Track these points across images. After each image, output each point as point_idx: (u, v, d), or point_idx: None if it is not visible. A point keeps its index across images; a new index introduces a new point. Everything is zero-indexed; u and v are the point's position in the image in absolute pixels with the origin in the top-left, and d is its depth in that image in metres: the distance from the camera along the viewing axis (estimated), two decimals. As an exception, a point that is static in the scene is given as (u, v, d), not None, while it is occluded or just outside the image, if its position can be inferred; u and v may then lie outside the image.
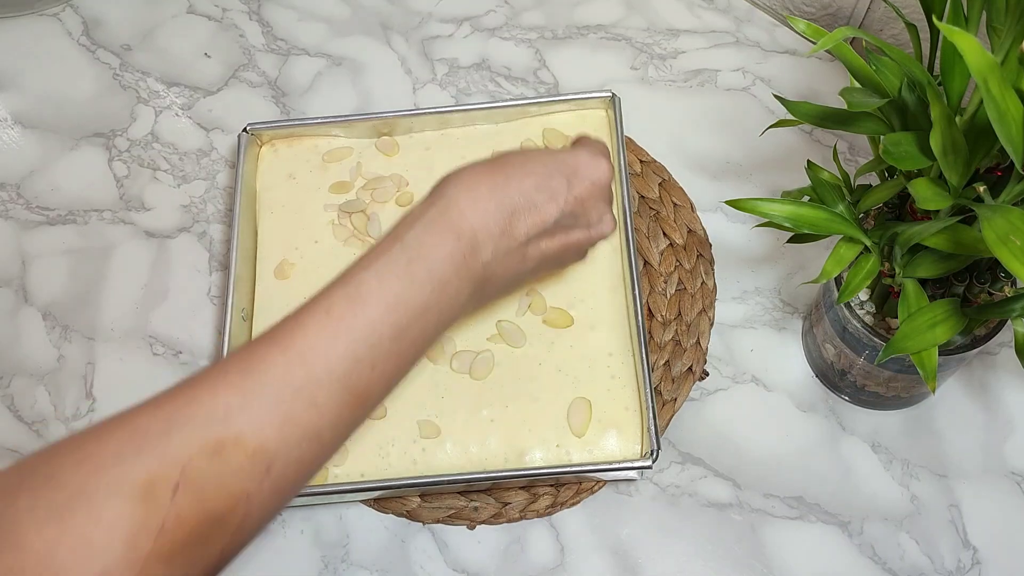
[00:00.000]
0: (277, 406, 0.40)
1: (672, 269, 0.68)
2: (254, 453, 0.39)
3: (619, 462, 0.58)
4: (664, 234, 0.69)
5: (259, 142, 0.71)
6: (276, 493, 0.40)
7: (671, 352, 0.65)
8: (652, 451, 0.58)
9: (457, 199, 0.47)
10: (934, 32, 0.48)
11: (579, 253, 0.55)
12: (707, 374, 0.65)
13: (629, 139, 0.73)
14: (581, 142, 0.55)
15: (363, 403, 0.43)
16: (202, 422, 0.39)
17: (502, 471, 0.59)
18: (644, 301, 0.66)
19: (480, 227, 0.47)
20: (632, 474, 0.60)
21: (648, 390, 0.59)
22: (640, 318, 0.61)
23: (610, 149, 0.68)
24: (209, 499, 0.38)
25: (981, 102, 0.39)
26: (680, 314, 0.66)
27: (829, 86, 0.75)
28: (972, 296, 0.51)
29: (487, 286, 0.49)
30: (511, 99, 0.74)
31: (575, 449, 0.60)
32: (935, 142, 0.41)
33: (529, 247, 0.49)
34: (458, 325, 0.64)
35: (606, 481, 0.62)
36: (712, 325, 0.66)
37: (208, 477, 0.38)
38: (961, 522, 0.60)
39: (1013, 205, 0.43)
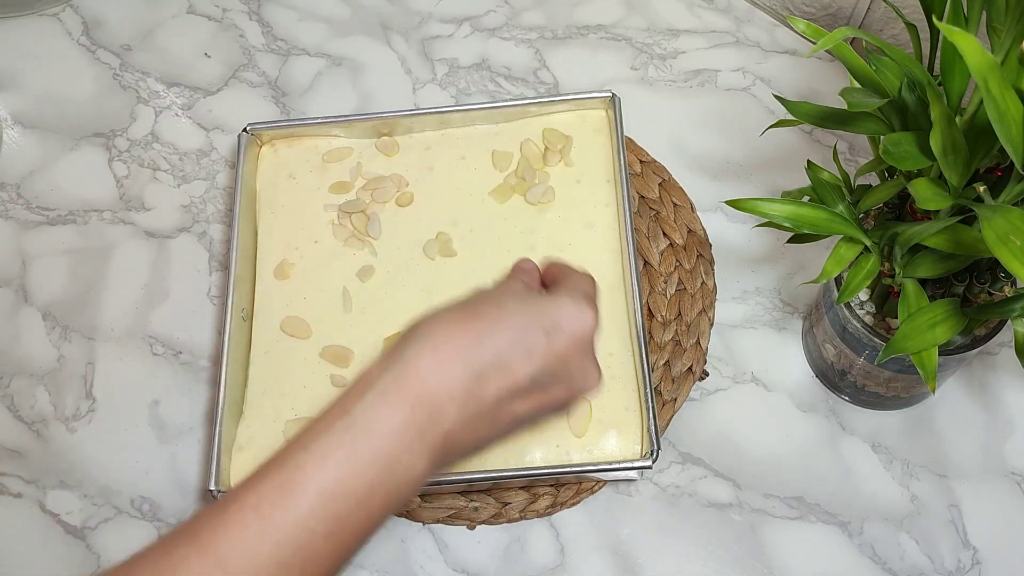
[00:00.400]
0: None
1: (672, 269, 0.68)
2: None
3: (619, 462, 0.58)
4: (664, 234, 0.69)
5: (259, 142, 0.71)
6: None
7: (671, 352, 0.65)
8: (652, 451, 0.58)
9: (417, 361, 0.43)
10: (934, 32, 0.48)
11: (559, 412, 0.49)
12: (707, 374, 0.65)
13: (629, 139, 0.73)
14: (564, 282, 0.50)
15: None
16: None
17: (502, 471, 0.59)
18: (644, 301, 0.66)
19: (442, 393, 0.42)
20: (632, 474, 0.60)
21: (648, 390, 0.59)
22: (640, 318, 0.61)
23: (611, 149, 0.69)
24: None
25: (981, 102, 0.39)
26: (680, 314, 0.66)
27: (829, 86, 0.75)
28: (972, 296, 0.51)
29: (449, 455, 0.44)
30: (511, 99, 0.74)
31: (575, 449, 0.60)
32: (935, 142, 0.41)
33: (500, 409, 0.44)
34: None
35: (606, 481, 0.62)
36: (712, 325, 0.66)
37: None
38: (961, 522, 0.60)
39: (1013, 205, 0.43)
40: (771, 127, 0.55)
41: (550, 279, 0.53)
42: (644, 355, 0.60)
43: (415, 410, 0.42)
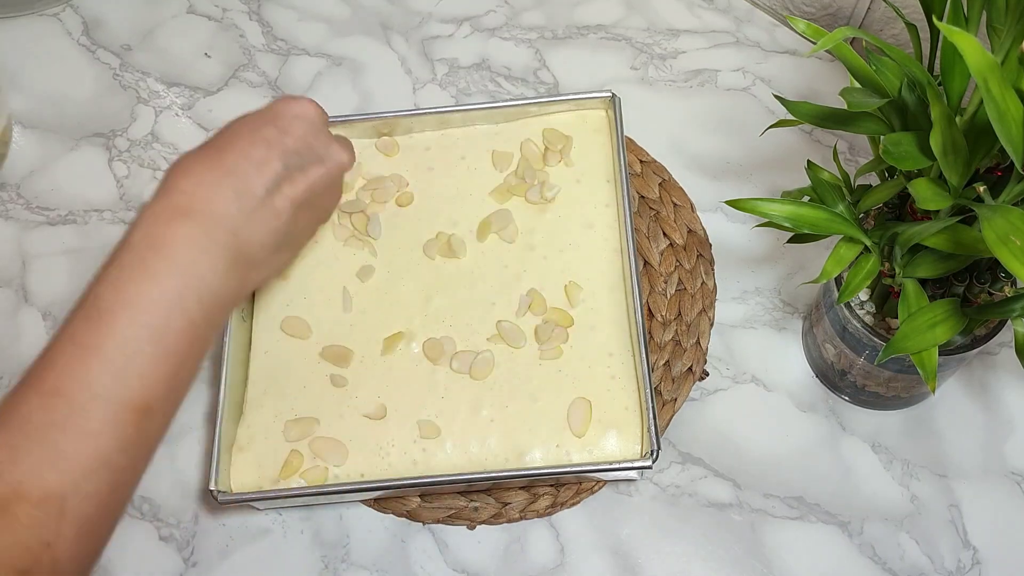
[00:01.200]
0: (47, 448, 0.39)
1: (672, 269, 0.68)
2: (40, 501, 0.38)
3: (619, 462, 0.58)
4: (664, 234, 0.69)
5: (259, 142, 0.71)
6: (82, 534, 0.39)
7: (671, 352, 0.65)
8: (652, 451, 0.58)
9: (177, 184, 0.47)
10: (934, 32, 0.48)
11: (332, 192, 0.55)
12: (707, 374, 0.65)
13: (629, 139, 0.73)
14: (279, 97, 0.56)
15: (148, 414, 0.42)
16: None
17: (502, 471, 0.59)
18: (644, 301, 0.66)
19: (211, 198, 0.46)
20: (632, 474, 0.60)
21: (648, 390, 0.59)
22: (640, 318, 0.61)
23: (611, 149, 0.69)
24: (6, 558, 0.37)
25: (981, 102, 0.39)
26: (680, 314, 0.66)
27: (829, 86, 0.75)
28: (972, 296, 0.51)
29: (247, 251, 0.48)
30: (511, 99, 0.74)
31: (575, 449, 0.60)
32: (935, 142, 0.41)
33: (275, 199, 0.49)
34: (450, 319, 0.64)
35: (606, 481, 0.62)
36: (712, 325, 0.66)
37: None
38: (961, 522, 0.60)
39: (1013, 205, 0.43)
40: (771, 127, 0.55)
41: None
42: (644, 355, 0.60)
43: (191, 218, 0.45)
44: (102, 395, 0.41)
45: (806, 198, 0.53)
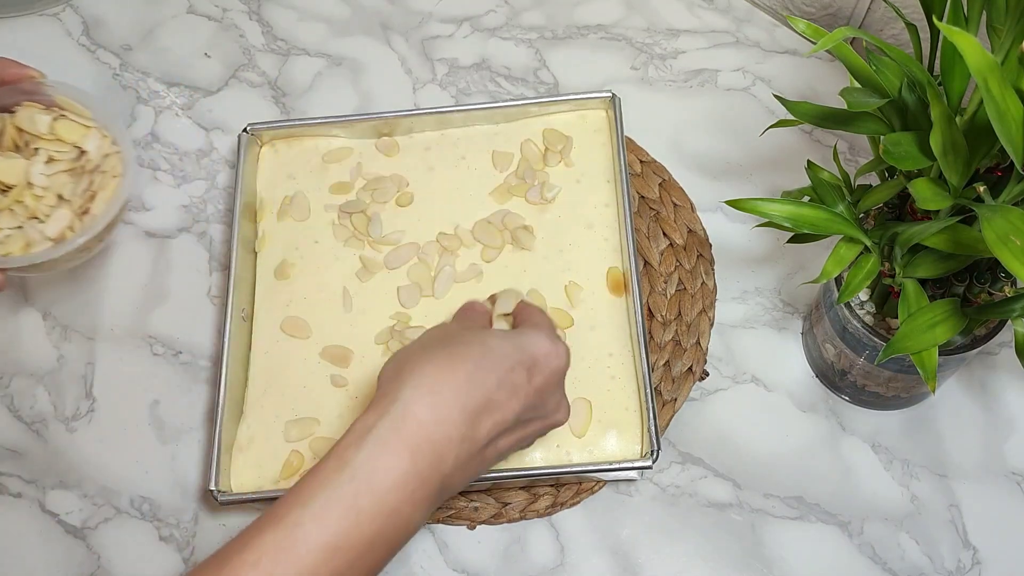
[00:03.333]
0: None
1: (672, 269, 0.68)
2: None
3: (619, 462, 0.58)
4: (664, 234, 0.69)
5: (259, 142, 0.71)
6: None
7: (671, 352, 0.65)
8: (652, 451, 0.58)
9: (414, 406, 0.43)
10: (934, 32, 0.48)
11: (532, 443, 0.51)
12: (707, 374, 0.65)
13: (629, 139, 0.73)
14: (530, 320, 0.52)
15: None
16: None
17: (502, 471, 0.59)
18: (644, 301, 0.66)
19: (441, 438, 0.43)
20: (632, 474, 0.60)
21: (648, 390, 0.59)
22: (640, 318, 0.61)
23: (611, 149, 0.69)
24: None
25: (981, 102, 0.39)
26: (680, 314, 0.66)
27: (829, 86, 0.75)
28: (972, 296, 0.51)
29: (444, 496, 0.45)
30: (511, 99, 0.74)
31: (575, 449, 0.60)
32: (935, 142, 0.41)
33: (488, 448, 0.46)
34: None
35: (606, 481, 0.62)
36: (712, 325, 0.66)
37: None
38: (961, 522, 0.60)
39: (1013, 205, 0.43)
40: (771, 127, 0.55)
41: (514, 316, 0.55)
42: (644, 355, 0.60)
43: (416, 458, 0.42)
44: None
45: (806, 198, 0.53)
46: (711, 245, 0.69)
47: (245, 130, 0.69)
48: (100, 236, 0.59)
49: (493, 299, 0.57)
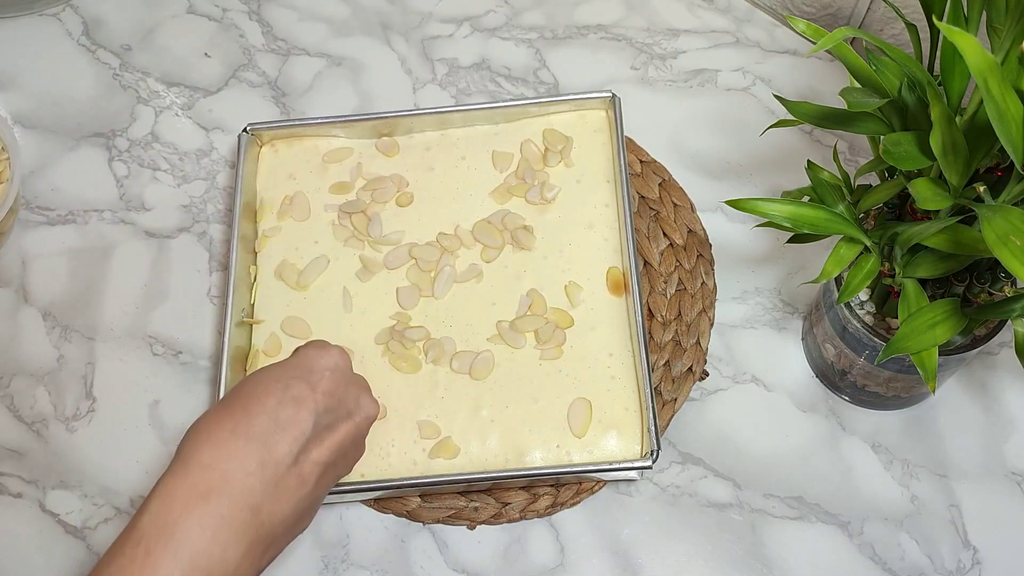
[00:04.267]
0: None
1: (672, 269, 0.68)
2: None
3: (619, 462, 0.58)
4: (664, 234, 0.69)
5: (259, 142, 0.71)
6: None
7: (671, 352, 0.65)
8: (652, 451, 0.58)
9: (197, 453, 0.43)
10: (934, 32, 0.48)
11: (357, 446, 0.51)
12: (707, 374, 0.65)
13: (629, 139, 0.73)
14: (306, 345, 0.53)
15: None
16: None
17: (502, 471, 0.59)
18: (644, 301, 0.66)
19: (232, 474, 0.42)
20: (632, 474, 0.60)
21: (648, 390, 0.59)
22: (640, 318, 0.61)
23: (611, 149, 0.69)
24: None
25: (981, 102, 0.39)
26: (680, 314, 0.66)
27: (829, 86, 0.75)
28: (972, 296, 0.51)
29: (269, 529, 0.43)
30: (511, 99, 0.74)
31: (575, 449, 0.60)
32: (935, 142, 0.41)
33: (301, 466, 0.45)
34: (450, 320, 0.64)
35: (606, 481, 0.62)
36: (712, 325, 0.66)
37: None
38: (961, 522, 0.60)
39: (1013, 205, 0.43)
40: (771, 127, 0.55)
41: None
42: (644, 355, 0.60)
43: (209, 499, 0.41)
44: None
45: (806, 198, 0.53)
46: (711, 245, 0.69)
47: (245, 130, 0.69)
48: None
49: None
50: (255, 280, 0.67)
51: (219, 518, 0.41)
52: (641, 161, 0.72)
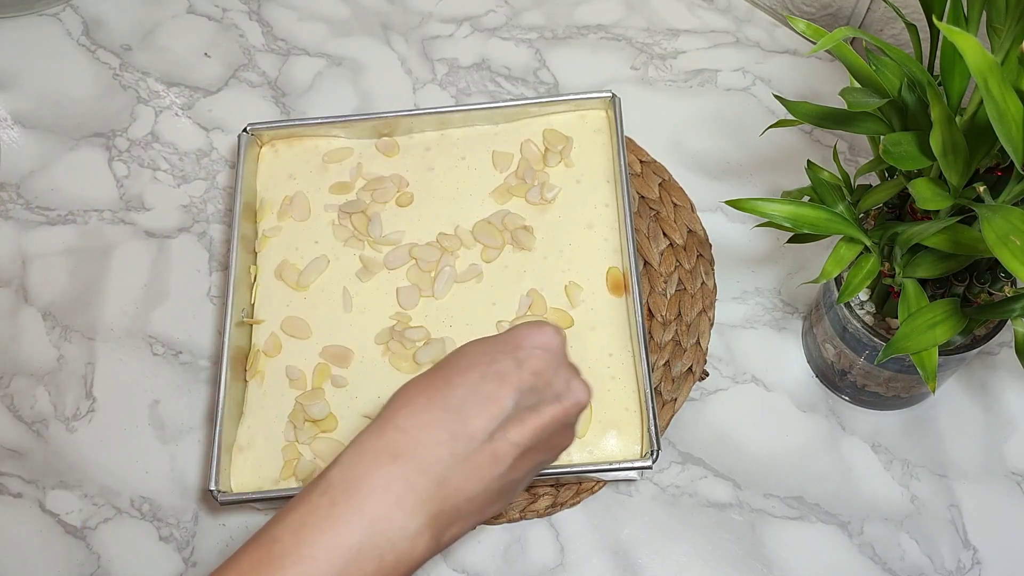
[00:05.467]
0: None
1: (672, 269, 0.68)
2: None
3: (619, 462, 0.58)
4: (664, 234, 0.69)
5: (259, 142, 0.71)
6: None
7: (671, 352, 0.65)
8: (652, 451, 0.58)
9: (395, 416, 0.43)
10: (934, 32, 0.48)
11: (565, 432, 0.48)
12: (707, 374, 0.65)
13: (629, 139, 0.73)
14: (522, 323, 0.50)
15: None
16: None
17: (502, 471, 0.59)
18: (644, 301, 0.66)
19: (427, 440, 0.42)
20: (632, 474, 0.60)
21: (648, 390, 0.59)
22: (640, 318, 0.61)
23: (611, 149, 0.69)
24: None
25: (981, 102, 0.39)
26: (680, 314, 0.66)
27: (829, 86, 0.75)
28: (972, 296, 0.51)
29: (453, 506, 0.42)
30: (511, 99, 0.74)
31: (575, 449, 0.60)
32: (935, 142, 0.41)
33: (496, 443, 0.43)
34: (450, 320, 0.64)
35: (606, 481, 0.62)
36: (712, 325, 0.66)
37: None
38: (961, 522, 0.60)
39: (1013, 205, 0.43)
40: (771, 127, 0.55)
41: None
42: (644, 355, 0.60)
43: (399, 461, 0.41)
44: None
45: (806, 198, 0.53)
46: (711, 245, 0.69)
47: (245, 130, 0.69)
48: None
49: None
50: (255, 280, 0.67)
51: (404, 482, 0.41)
52: (641, 161, 0.72)
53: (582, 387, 0.47)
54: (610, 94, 0.68)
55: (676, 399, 0.64)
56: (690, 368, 0.65)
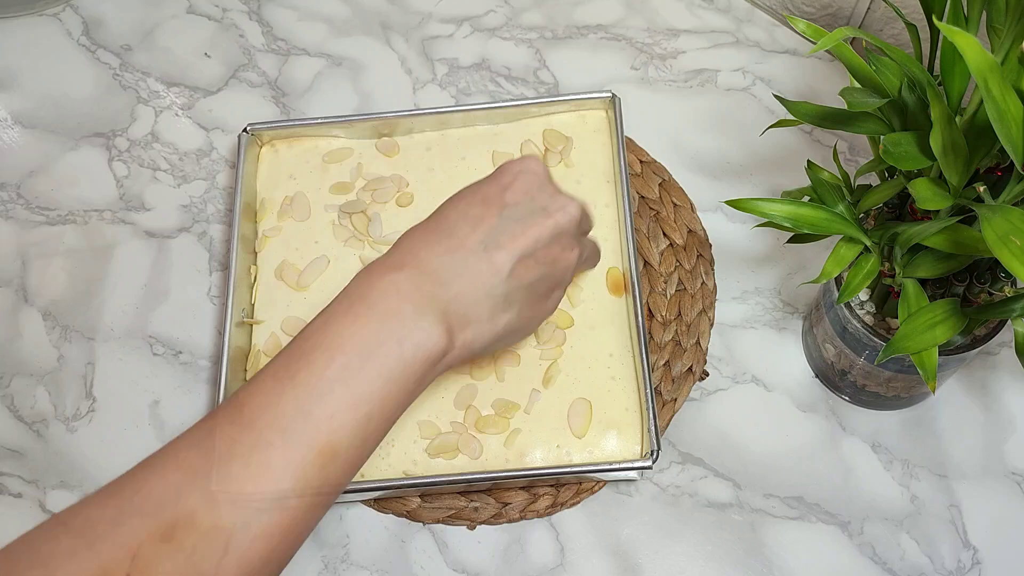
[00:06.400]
0: (226, 478, 0.39)
1: (672, 269, 0.68)
2: (208, 531, 0.38)
3: (619, 462, 0.58)
4: (664, 234, 0.69)
5: (259, 142, 0.71)
6: (241, 568, 0.39)
7: (671, 352, 0.65)
8: (652, 451, 0.58)
9: (398, 246, 0.48)
10: (934, 32, 0.48)
11: (564, 244, 0.50)
12: (707, 374, 0.65)
13: (629, 139, 0.73)
14: None
15: (332, 458, 0.41)
16: (152, 506, 0.38)
17: (502, 471, 0.59)
18: (644, 301, 0.66)
19: (425, 253, 0.46)
20: (632, 474, 0.60)
21: (648, 390, 0.59)
22: (640, 318, 0.61)
23: (611, 149, 0.69)
24: None
25: (981, 102, 0.39)
26: (680, 314, 0.66)
27: (829, 86, 0.75)
28: (972, 296, 0.51)
29: (457, 307, 0.46)
30: (511, 99, 0.74)
31: (575, 449, 0.60)
32: (935, 142, 0.41)
33: (492, 253, 0.47)
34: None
35: (606, 481, 0.62)
36: (712, 325, 0.66)
37: (160, 561, 0.37)
38: (961, 522, 0.60)
39: (1013, 205, 0.43)
40: (771, 127, 0.55)
41: None
42: (644, 355, 0.60)
43: (404, 269, 0.45)
44: (289, 431, 0.40)
45: (806, 198, 0.53)
46: (711, 245, 0.69)
47: (245, 130, 0.69)
48: None
49: None
50: (255, 280, 0.67)
51: (409, 282, 0.45)
52: (641, 161, 0.72)
53: (569, 200, 0.50)
54: (610, 94, 0.68)
55: (676, 399, 0.64)
56: (690, 368, 0.65)
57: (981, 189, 0.43)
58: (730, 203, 0.50)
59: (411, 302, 0.44)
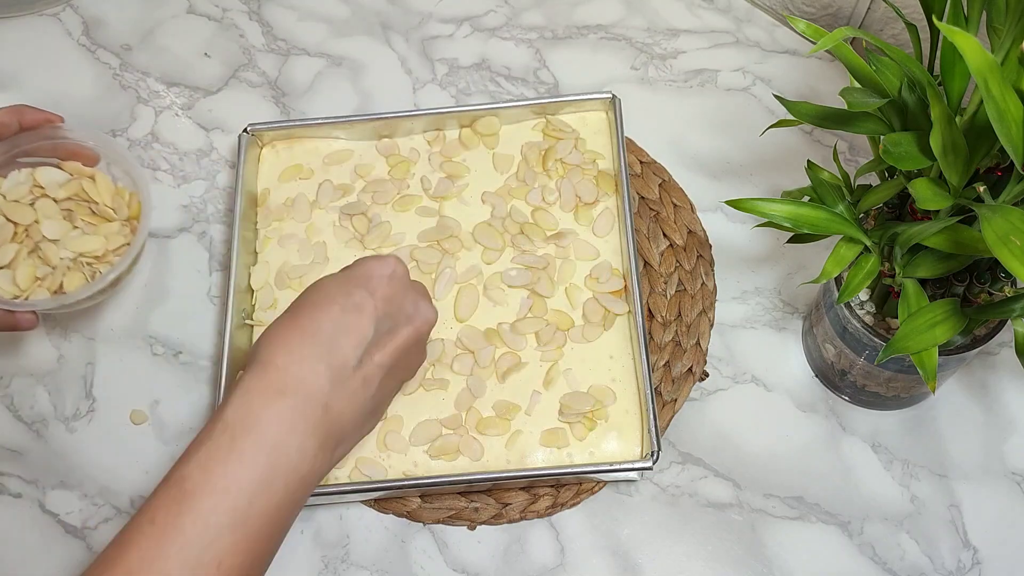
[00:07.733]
0: None
1: (672, 270, 0.68)
2: None
3: (619, 463, 0.58)
4: (664, 235, 0.69)
5: (259, 143, 0.71)
6: None
7: (671, 353, 0.65)
8: (652, 452, 0.58)
9: (272, 356, 0.47)
10: (934, 32, 0.48)
11: (418, 351, 0.54)
12: (707, 375, 0.65)
13: (629, 139, 0.73)
14: (364, 257, 0.55)
15: None
16: None
17: (502, 472, 0.59)
18: (644, 302, 0.66)
19: (304, 375, 0.46)
20: (632, 475, 0.60)
21: (648, 391, 0.59)
22: (640, 319, 0.61)
23: (611, 149, 0.69)
24: None
25: (981, 102, 0.39)
26: (680, 315, 0.66)
27: (829, 86, 0.75)
28: (972, 296, 0.51)
29: (339, 428, 0.47)
30: (511, 99, 0.74)
31: (576, 450, 0.60)
32: (935, 142, 0.41)
33: (365, 368, 0.49)
34: (451, 321, 0.64)
35: (606, 482, 0.62)
36: (712, 326, 0.66)
37: None
38: (961, 522, 0.60)
39: (1013, 205, 0.43)
40: (771, 127, 0.55)
41: None
42: (644, 356, 0.60)
43: (285, 395, 0.45)
44: None
45: (806, 198, 0.53)
46: (711, 245, 0.69)
47: (245, 130, 0.69)
48: (120, 277, 0.62)
49: None
50: (255, 281, 0.67)
51: (295, 412, 0.45)
52: (641, 161, 0.72)
53: (429, 307, 0.54)
54: (610, 95, 0.68)
55: (676, 399, 0.64)
56: (690, 368, 0.65)
57: (981, 189, 0.43)
58: (730, 203, 0.50)
59: (297, 433, 0.45)
